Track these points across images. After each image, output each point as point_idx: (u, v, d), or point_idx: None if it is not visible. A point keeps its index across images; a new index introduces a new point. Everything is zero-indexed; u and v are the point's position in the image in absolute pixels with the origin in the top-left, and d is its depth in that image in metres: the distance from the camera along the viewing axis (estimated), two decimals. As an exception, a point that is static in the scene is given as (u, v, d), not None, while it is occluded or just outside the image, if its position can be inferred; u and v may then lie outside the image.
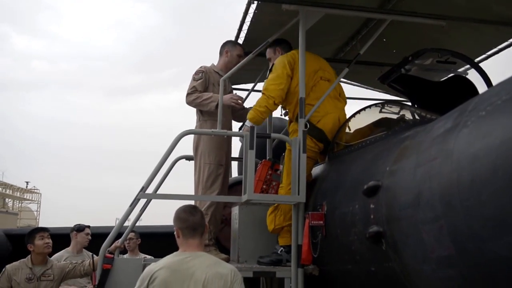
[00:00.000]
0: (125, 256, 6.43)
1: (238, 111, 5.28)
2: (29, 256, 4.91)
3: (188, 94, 4.98)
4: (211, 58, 5.00)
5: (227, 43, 5.28)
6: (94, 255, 5.43)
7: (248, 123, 4.43)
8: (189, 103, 5.01)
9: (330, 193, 3.84)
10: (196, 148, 4.99)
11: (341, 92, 4.98)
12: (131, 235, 6.45)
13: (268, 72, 4.95)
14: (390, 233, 2.82)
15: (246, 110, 5.19)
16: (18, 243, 9.23)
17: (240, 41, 5.29)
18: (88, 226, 6.01)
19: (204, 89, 5.00)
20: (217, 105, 4.79)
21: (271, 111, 4.69)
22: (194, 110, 5.18)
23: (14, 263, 4.87)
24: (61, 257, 5.68)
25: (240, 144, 5.46)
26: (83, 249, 5.85)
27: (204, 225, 2.95)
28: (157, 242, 6.07)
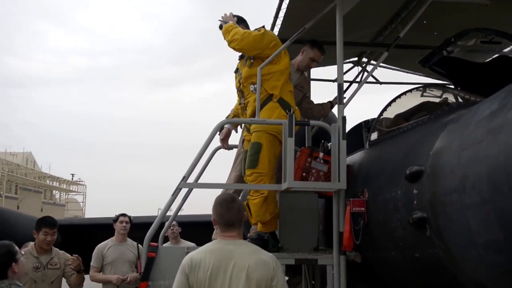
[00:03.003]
0: (167, 244, 6.55)
1: (305, 104, 5.19)
2: (33, 244, 4.97)
3: None
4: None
5: (307, 42, 5.02)
6: (139, 245, 5.56)
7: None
8: None
9: (371, 180, 3.80)
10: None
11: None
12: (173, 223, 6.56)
13: None
14: (435, 218, 2.77)
15: (314, 105, 5.21)
16: (66, 234, 9.62)
17: (277, 28, 5.24)
18: (123, 215, 6.02)
19: None
20: None
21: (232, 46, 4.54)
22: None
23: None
24: (106, 246, 5.84)
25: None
26: (128, 239, 5.96)
27: (241, 218, 2.93)
28: (197, 231, 6.16)
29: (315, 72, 5.98)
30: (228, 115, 5.13)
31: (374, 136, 4.28)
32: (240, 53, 4.73)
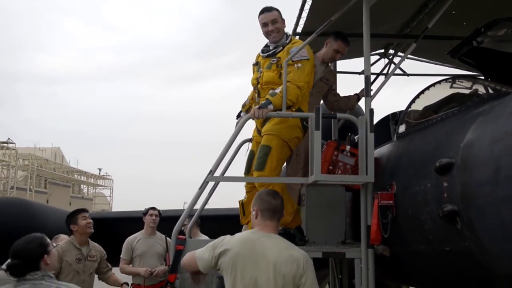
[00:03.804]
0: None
1: (331, 97, 5.16)
2: (72, 237, 5.05)
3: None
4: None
5: (331, 34, 4.95)
6: (167, 237, 5.64)
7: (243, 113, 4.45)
8: None
9: (399, 172, 3.76)
10: None
11: None
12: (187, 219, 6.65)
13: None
14: (466, 211, 2.73)
15: (340, 98, 5.18)
16: (96, 226, 9.80)
17: (302, 21, 5.22)
18: (153, 208, 6.10)
19: None
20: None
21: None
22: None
23: (61, 244, 5.04)
24: (135, 239, 5.93)
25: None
26: (157, 232, 6.04)
27: (282, 211, 3.00)
28: (219, 225, 6.18)
29: (341, 65, 5.94)
30: (244, 104, 5.11)
31: (402, 128, 4.23)
32: (266, 50, 4.61)
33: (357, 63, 6.22)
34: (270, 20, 4.50)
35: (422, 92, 4.30)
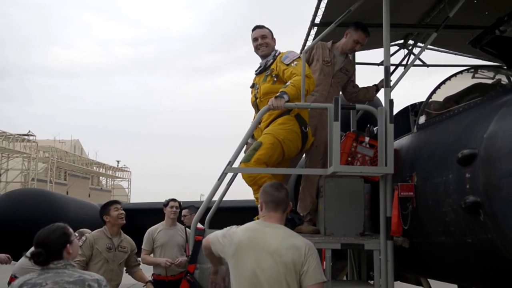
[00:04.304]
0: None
1: (350, 88, 5.16)
2: (105, 227, 5.16)
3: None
4: (285, 32, 4.87)
5: (352, 25, 4.97)
6: (187, 228, 5.69)
7: None
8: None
9: (420, 164, 3.72)
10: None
11: None
12: (185, 211, 6.77)
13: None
14: (489, 203, 2.69)
15: (359, 89, 5.17)
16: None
17: (321, 11, 5.17)
18: (173, 200, 6.18)
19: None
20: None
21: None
22: None
23: (93, 232, 5.15)
24: (156, 229, 6.01)
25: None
26: (177, 223, 6.10)
27: (287, 202, 3.04)
28: (237, 216, 6.21)
29: (359, 56, 5.88)
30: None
31: (422, 119, 4.18)
32: (259, 68, 4.74)
33: (375, 54, 6.17)
34: (260, 35, 4.71)
35: (443, 82, 4.24)
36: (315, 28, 5.55)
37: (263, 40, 4.69)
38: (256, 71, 4.83)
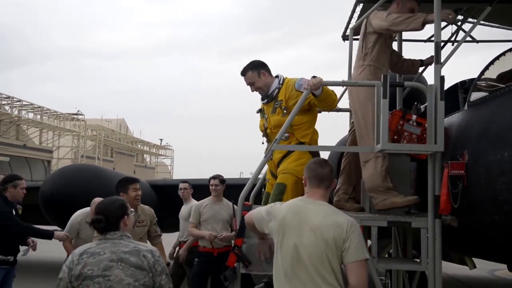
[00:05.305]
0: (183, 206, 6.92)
1: (394, 58, 4.97)
2: None
3: (387, 15, 4.45)
4: (328, 10, 4.72)
5: None
6: (234, 205, 5.76)
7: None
8: (388, 24, 4.42)
9: (472, 142, 3.64)
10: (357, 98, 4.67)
11: None
12: (185, 185, 6.89)
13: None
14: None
15: (404, 60, 5.05)
16: (161, 193, 10.24)
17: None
18: (214, 177, 6.17)
19: None
20: (423, 22, 4.26)
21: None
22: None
23: None
24: (202, 204, 6.15)
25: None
26: (224, 199, 6.20)
27: (331, 179, 3.04)
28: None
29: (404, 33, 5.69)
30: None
31: (474, 96, 4.07)
32: (265, 98, 4.60)
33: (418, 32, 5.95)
34: (248, 82, 4.61)
35: (497, 58, 4.10)
36: (361, 5, 5.44)
37: (253, 87, 4.58)
38: (262, 99, 4.69)
